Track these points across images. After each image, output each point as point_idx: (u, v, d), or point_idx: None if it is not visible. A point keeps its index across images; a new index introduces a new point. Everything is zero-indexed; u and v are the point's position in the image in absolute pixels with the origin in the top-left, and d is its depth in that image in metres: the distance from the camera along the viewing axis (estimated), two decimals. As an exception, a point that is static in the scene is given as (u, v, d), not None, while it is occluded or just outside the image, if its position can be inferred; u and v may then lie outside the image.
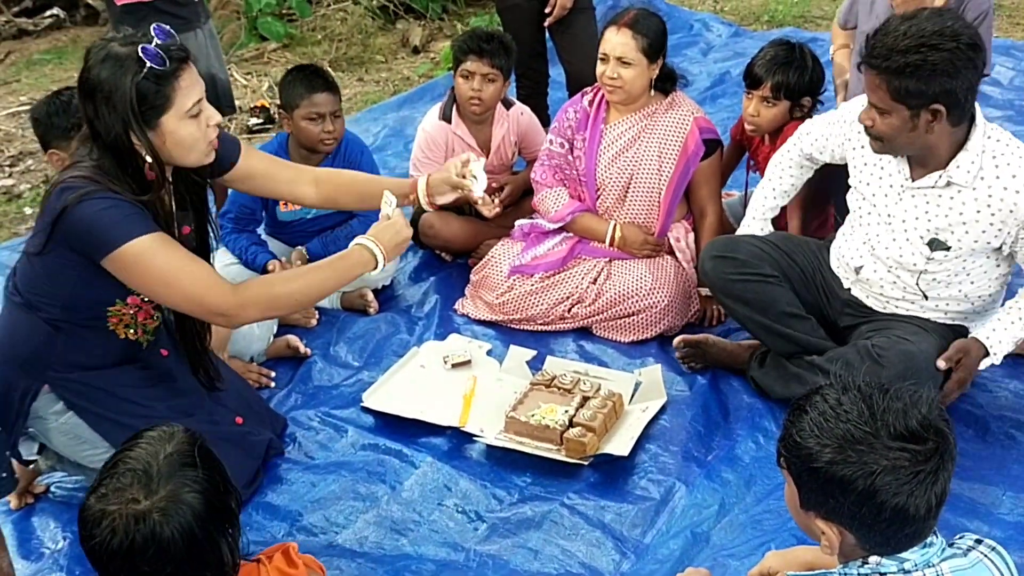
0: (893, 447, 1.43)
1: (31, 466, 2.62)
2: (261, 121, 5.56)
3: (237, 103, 5.67)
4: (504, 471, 2.66)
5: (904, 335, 2.54)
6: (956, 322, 2.65)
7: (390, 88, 6.17)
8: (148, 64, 2.12)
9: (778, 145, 3.17)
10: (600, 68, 3.22)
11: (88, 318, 2.33)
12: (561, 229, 3.41)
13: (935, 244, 2.51)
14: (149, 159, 2.19)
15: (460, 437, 2.79)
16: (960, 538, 1.60)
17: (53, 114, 2.75)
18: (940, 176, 2.45)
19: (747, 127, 3.25)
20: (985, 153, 2.42)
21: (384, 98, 5.86)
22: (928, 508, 1.45)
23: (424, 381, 3.03)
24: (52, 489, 2.71)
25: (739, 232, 2.98)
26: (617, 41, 3.15)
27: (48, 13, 7.50)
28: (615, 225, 3.32)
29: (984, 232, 2.46)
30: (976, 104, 2.42)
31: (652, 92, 3.29)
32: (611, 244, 3.32)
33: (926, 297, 2.61)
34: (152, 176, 2.22)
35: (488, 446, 2.73)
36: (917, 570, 1.49)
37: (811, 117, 3.16)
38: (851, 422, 1.46)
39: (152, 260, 2.17)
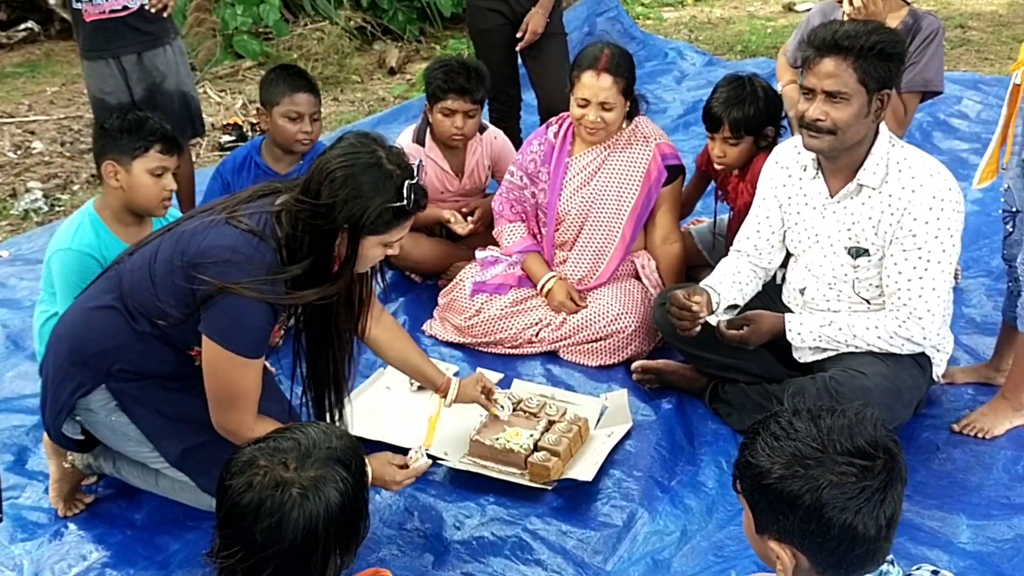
0: (840, 462, 1.46)
1: (69, 464, 2.59)
2: (233, 139, 5.53)
3: (210, 120, 5.67)
4: (467, 495, 2.64)
5: (860, 367, 2.57)
6: None
7: (365, 108, 6.18)
8: (403, 201, 2.17)
9: (747, 177, 3.19)
10: (579, 112, 3.23)
11: (176, 342, 2.37)
12: (518, 253, 3.45)
13: (856, 252, 2.62)
14: (342, 258, 2.23)
15: (424, 460, 2.76)
16: (917, 569, 1.61)
17: (125, 131, 2.74)
18: (852, 183, 2.58)
19: (717, 167, 3.29)
20: (890, 158, 2.56)
21: (359, 118, 5.87)
22: (878, 528, 1.46)
23: (389, 403, 3.01)
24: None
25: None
26: (599, 87, 3.17)
27: (22, 26, 7.46)
28: (551, 278, 3.34)
29: (887, 232, 2.56)
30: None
31: None
32: (541, 293, 3.34)
33: (869, 303, 2.67)
34: (336, 271, 2.26)
35: (452, 469, 2.71)
36: (871, 599, 1.49)
37: (776, 144, 3.19)
38: (800, 440, 1.49)
39: (228, 371, 2.25)
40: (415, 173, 2.21)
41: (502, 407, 2.78)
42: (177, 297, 2.25)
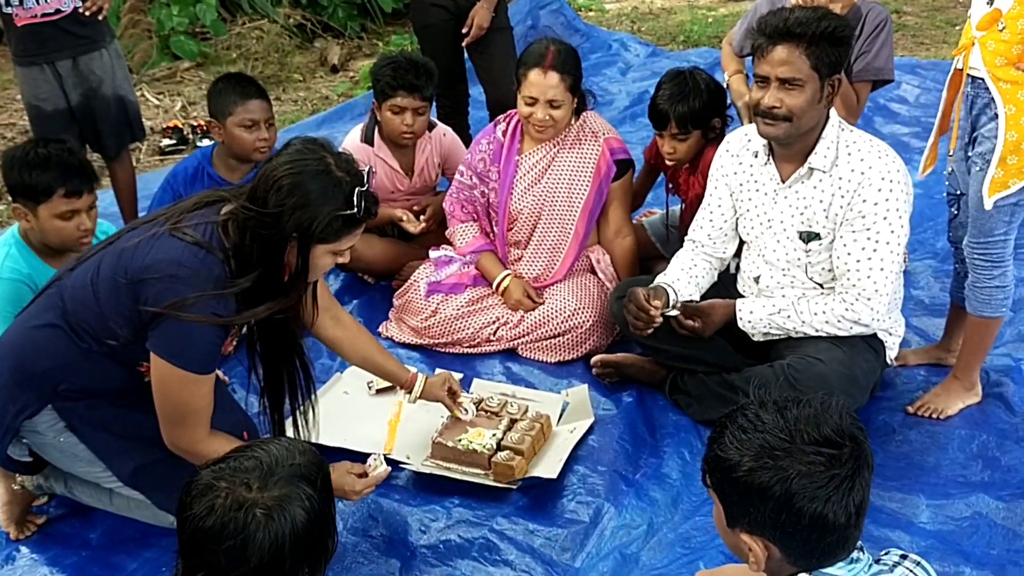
0: (808, 451, 1.47)
1: (19, 486, 2.51)
2: (174, 142, 5.41)
3: (149, 124, 5.54)
4: (432, 498, 2.61)
5: (816, 354, 2.60)
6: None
7: (308, 107, 6.09)
8: (353, 209, 2.11)
9: (699, 170, 3.20)
10: (527, 110, 3.21)
11: (124, 359, 2.29)
12: (472, 253, 3.43)
13: (807, 236, 2.66)
14: (292, 268, 2.17)
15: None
16: (886, 554, 1.63)
17: (26, 172, 2.61)
18: (803, 167, 2.62)
19: (668, 162, 3.29)
20: (840, 142, 2.60)
21: (302, 117, 5.78)
22: (848, 516, 1.47)
23: (348, 408, 2.97)
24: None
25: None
26: (547, 85, 3.15)
27: (-52, 31, 7.21)
28: (506, 276, 3.33)
29: (837, 215, 2.60)
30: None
31: None
32: (497, 291, 3.33)
33: (822, 287, 2.71)
34: (287, 282, 2.20)
35: (415, 473, 2.68)
36: (844, 587, 1.50)
37: (724, 136, 3.21)
38: (767, 432, 1.50)
39: (178, 388, 2.18)
40: (365, 180, 2.16)
41: (465, 410, 2.75)
42: (124, 316, 2.18)
